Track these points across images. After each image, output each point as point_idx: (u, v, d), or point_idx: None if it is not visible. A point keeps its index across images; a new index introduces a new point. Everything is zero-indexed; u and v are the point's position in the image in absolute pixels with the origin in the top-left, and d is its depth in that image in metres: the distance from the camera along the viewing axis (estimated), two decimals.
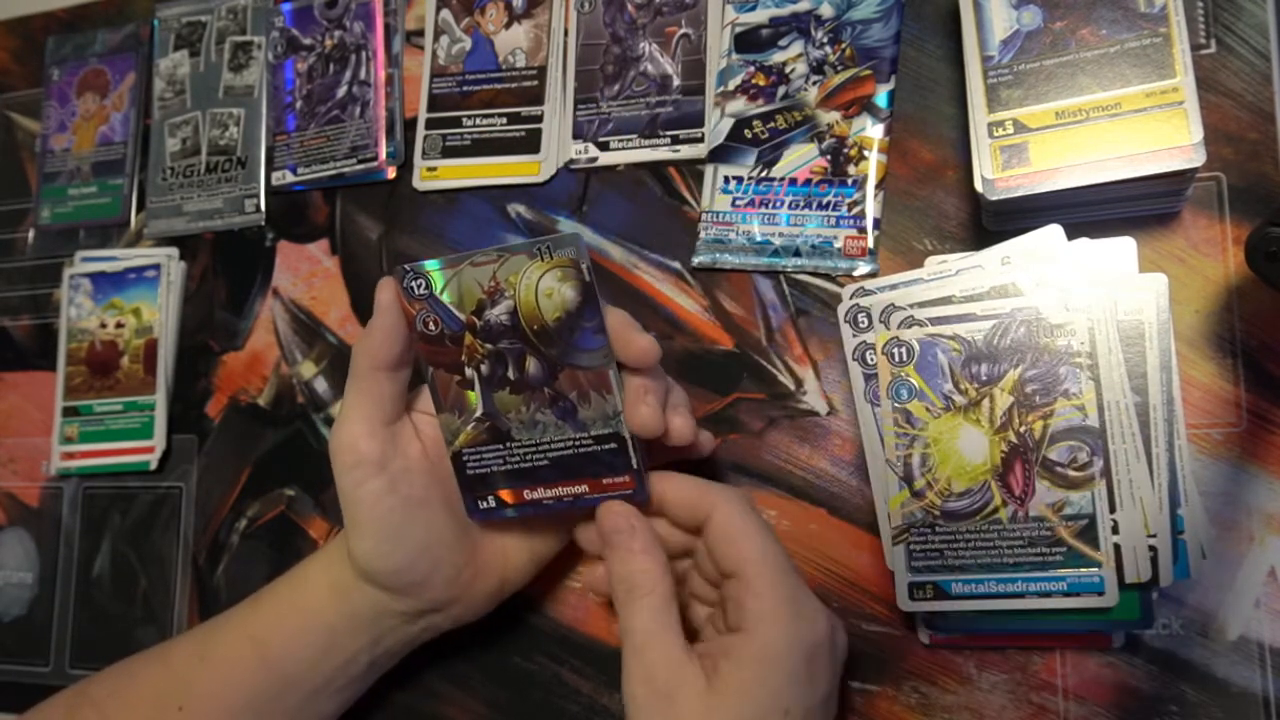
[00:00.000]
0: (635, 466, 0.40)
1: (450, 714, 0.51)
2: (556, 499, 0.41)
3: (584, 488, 0.41)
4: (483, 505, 0.42)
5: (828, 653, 0.39)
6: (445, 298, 0.40)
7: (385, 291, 0.41)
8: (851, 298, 0.42)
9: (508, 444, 0.41)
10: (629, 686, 0.38)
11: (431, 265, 0.39)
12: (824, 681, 0.39)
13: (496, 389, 0.40)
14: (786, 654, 0.38)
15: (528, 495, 0.42)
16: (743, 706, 0.37)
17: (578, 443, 0.40)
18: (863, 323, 0.42)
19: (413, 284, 0.40)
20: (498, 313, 0.39)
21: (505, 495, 0.42)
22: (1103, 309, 0.39)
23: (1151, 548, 0.38)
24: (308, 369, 0.57)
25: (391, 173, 0.56)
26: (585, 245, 0.37)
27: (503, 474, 0.42)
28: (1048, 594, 0.39)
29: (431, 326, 0.40)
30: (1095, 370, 0.39)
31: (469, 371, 0.41)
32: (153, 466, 0.58)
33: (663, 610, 0.39)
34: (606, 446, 0.40)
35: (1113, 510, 0.38)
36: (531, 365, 0.40)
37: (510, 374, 0.40)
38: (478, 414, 0.41)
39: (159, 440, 0.58)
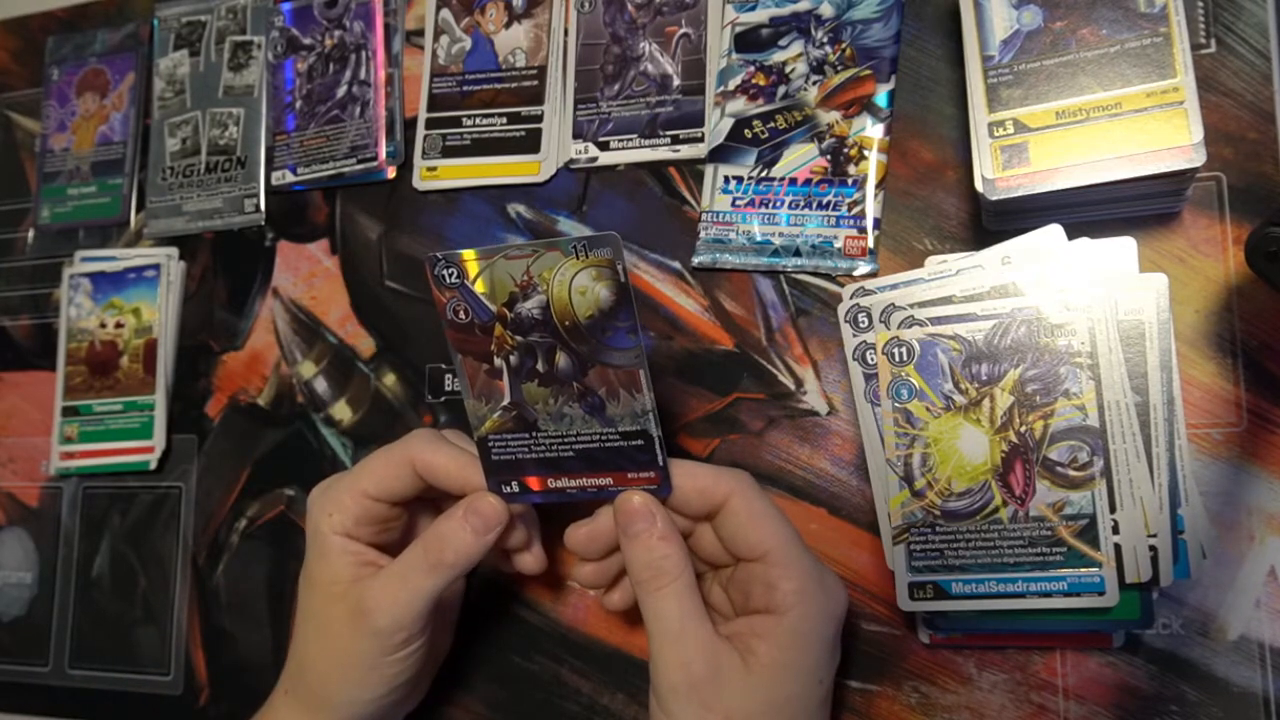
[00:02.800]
0: (661, 463, 0.40)
1: (450, 714, 0.51)
2: (580, 489, 0.42)
3: (608, 480, 0.41)
4: (506, 490, 0.42)
5: (844, 619, 0.41)
6: (476, 288, 0.40)
7: (496, 511, 0.42)
8: (852, 298, 0.42)
9: (534, 434, 0.41)
10: (666, 675, 0.38)
11: (465, 255, 0.39)
12: (840, 646, 0.41)
13: (525, 380, 0.41)
14: (820, 630, 0.39)
15: (552, 484, 0.42)
16: (784, 684, 0.38)
17: (604, 437, 0.40)
18: (863, 322, 0.42)
19: (444, 272, 0.39)
20: (529, 306, 0.39)
21: (531, 482, 0.42)
22: (1103, 309, 0.39)
23: (1152, 547, 0.38)
24: (308, 369, 0.57)
25: (391, 172, 0.56)
26: (622, 246, 0.37)
27: (529, 462, 0.42)
28: (1048, 594, 0.39)
29: (461, 315, 0.40)
30: (1095, 370, 0.39)
31: (498, 361, 0.41)
32: (152, 466, 0.58)
33: (691, 595, 0.39)
34: (634, 443, 0.40)
35: (1113, 510, 0.38)
36: (561, 360, 0.40)
37: (539, 367, 0.40)
38: (504, 402, 0.41)
39: (159, 440, 0.58)
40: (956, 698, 0.43)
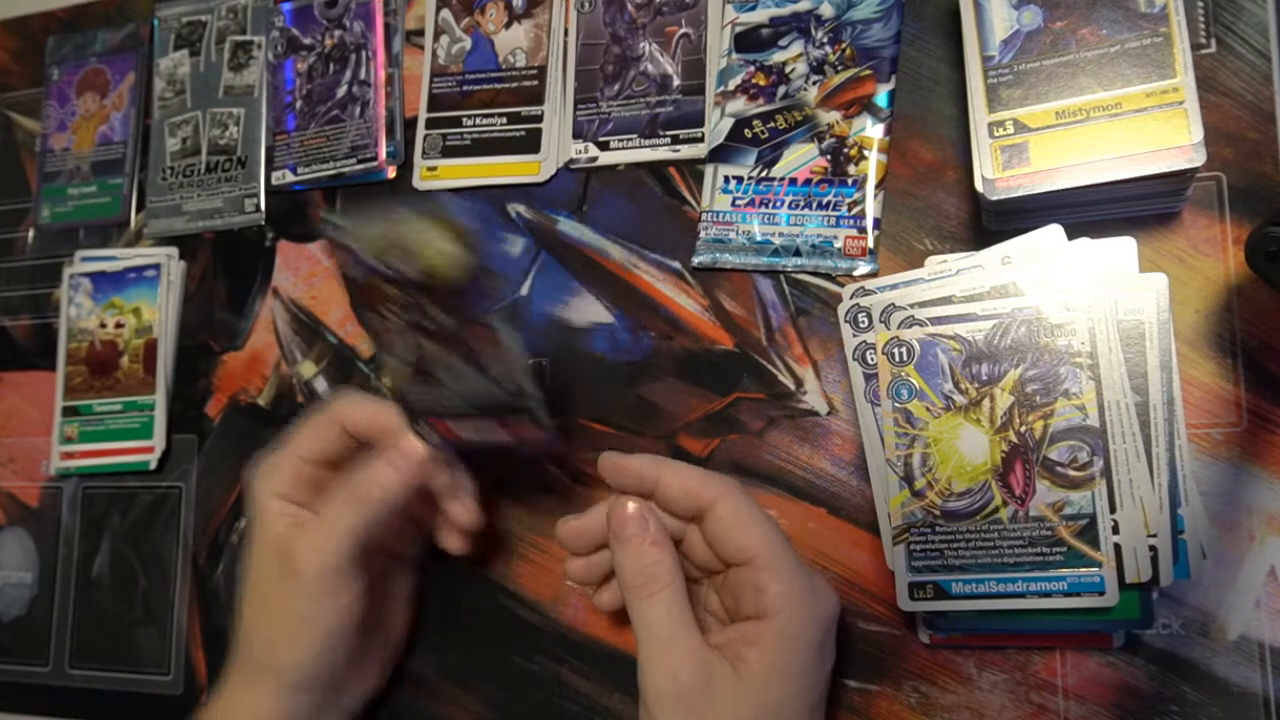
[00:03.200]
0: (541, 416, 0.43)
1: (450, 714, 0.51)
2: (482, 439, 0.45)
3: (502, 433, 0.44)
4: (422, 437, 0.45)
5: (834, 628, 0.41)
6: (368, 252, 0.41)
7: (416, 447, 0.44)
8: (852, 297, 0.42)
9: (435, 386, 0.44)
10: (654, 682, 0.38)
11: (354, 225, 0.41)
12: (834, 650, 0.41)
13: (420, 336, 0.43)
14: (810, 633, 0.39)
15: (458, 432, 0.45)
16: (775, 691, 0.38)
17: (488, 391, 0.43)
18: (863, 322, 0.42)
19: (336, 235, 0.43)
20: (408, 269, 0.41)
21: (441, 428, 0.45)
22: (1103, 309, 0.39)
23: (1152, 547, 0.38)
24: (308, 369, 0.57)
25: (391, 172, 0.56)
26: (477, 208, 0.40)
27: (436, 412, 0.45)
28: (1048, 594, 0.39)
29: (359, 275, 0.43)
30: (1095, 370, 0.39)
31: (397, 319, 0.43)
32: (152, 466, 0.58)
33: (681, 603, 0.39)
34: (514, 398, 0.43)
35: (1113, 510, 0.38)
36: (444, 318, 0.42)
37: (428, 325, 0.43)
38: (408, 357, 0.44)
39: (159, 440, 0.58)
40: (956, 698, 0.43)
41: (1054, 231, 0.40)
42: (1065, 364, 0.39)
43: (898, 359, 0.41)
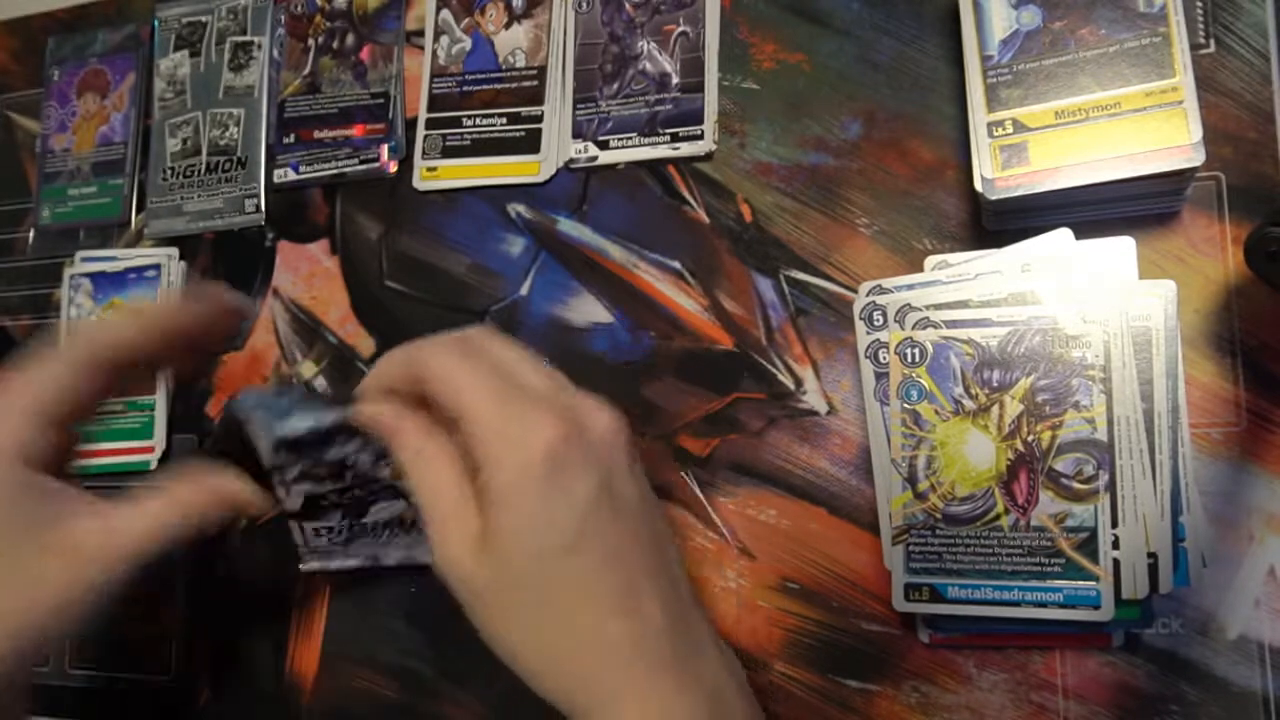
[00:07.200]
0: (390, 117, 0.55)
1: (450, 714, 0.51)
2: (334, 139, 0.56)
3: (354, 131, 0.56)
4: (285, 140, 0.57)
5: (576, 449, 0.36)
6: None
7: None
8: (868, 295, 0.42)
9: (315, 95, 0.57)
10: (438, 566, 0.37)
11: None
12: (587, 478, 0.36)
13: (321, 55, 0.57)
14: (525, 480, 0.35)
15: (317, 135, 0.56)
16: (523, 543, 0.36)
17: (358, 98, 0.56)
18: (878, 320, 0.42)
19: None
20: (340, 1, 0.57)
21: (304, 135, 0.57)
22: (1119, 322, 0.39)
23: (1151, 553, 0.38)
24: (308, 369, 0.57)
25: (393, 166, 0.56)
26: None
27: (310, 118, 0.57)
28: (1043, 604, 0.39)
29: (299, 8, 0.58)
30: (1108, 384, 0.38)
31: (309, 41, 0.58)
32: (152, 466, 0.58)
33: (444, 476, 0.38)
34: (378, 101, 0.56)
35: (1115, 525, 0.38)
36: (350, 39, 0.56)
37: (334, 44, 0.56)
38: (305, 72, 0.57)
39: (159, 440, 0.58)
40: (956, 698, 0.43)
41: (1064, 235, 0.40)
42: (1078, 376, 0.39)
43: (910, 359, 0.41)
